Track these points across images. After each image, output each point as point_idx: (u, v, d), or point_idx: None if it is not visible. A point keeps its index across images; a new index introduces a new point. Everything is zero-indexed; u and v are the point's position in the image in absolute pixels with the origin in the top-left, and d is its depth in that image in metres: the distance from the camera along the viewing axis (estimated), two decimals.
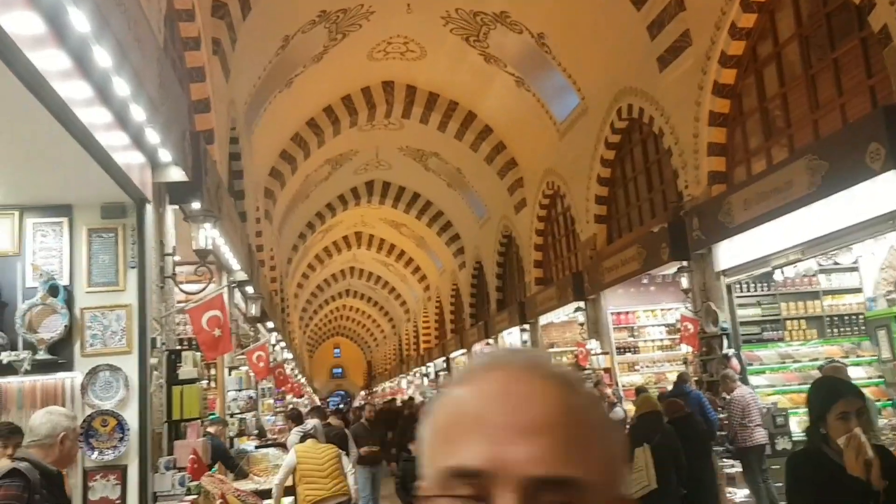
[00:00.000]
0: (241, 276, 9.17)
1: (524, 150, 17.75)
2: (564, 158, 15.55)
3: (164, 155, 5.08)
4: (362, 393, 54.72)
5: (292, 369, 22.02)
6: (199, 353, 5.49)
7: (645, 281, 13.59)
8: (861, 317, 9.85)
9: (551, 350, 18.03)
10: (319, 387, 53.64)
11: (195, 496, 4.84)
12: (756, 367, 9.59)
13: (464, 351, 27.34)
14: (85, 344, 4.76)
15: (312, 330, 51.52)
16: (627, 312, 14.20)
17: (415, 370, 38.07)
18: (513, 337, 20.58)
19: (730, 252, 9.65)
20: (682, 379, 8.77)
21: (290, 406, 13.52)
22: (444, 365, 31.08)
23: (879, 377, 8.50)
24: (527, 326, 18.58)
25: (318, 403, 25.07)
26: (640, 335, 14.17)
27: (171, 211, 5.92)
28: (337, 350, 59.40)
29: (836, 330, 9.94)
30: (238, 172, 12.29)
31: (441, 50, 15.70)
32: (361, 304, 47.54)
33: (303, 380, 30.46)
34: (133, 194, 4.98)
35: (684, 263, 10.69)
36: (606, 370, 13.69)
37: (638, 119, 12.38)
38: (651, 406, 6.38)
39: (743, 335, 9.83)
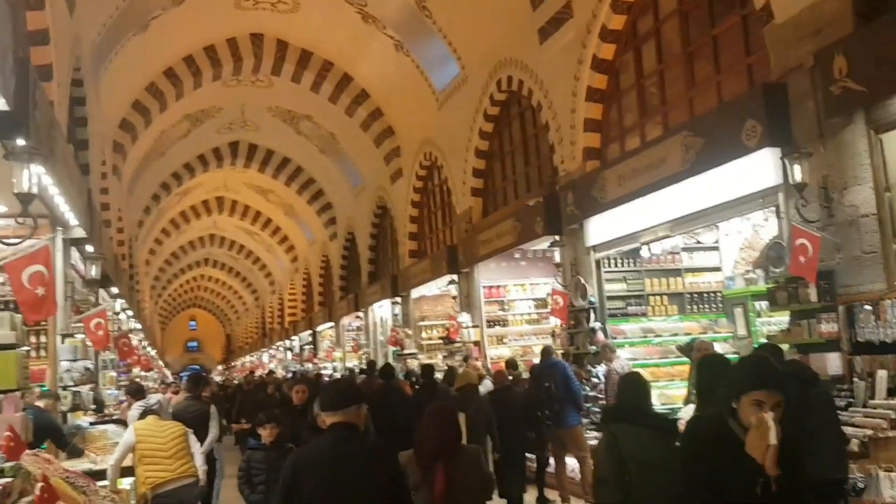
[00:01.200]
0: (80, 232, 8.10)
1: (402, 118, 17.28)
2: (443, 129, 15.25)
3: None
4: (220, 367, 52.53)
5: (140, 341, 20.48)
6: (18, 315, 4.64)
7: (517, 255, 13.64)
8: (719, 294, 10.30)
9: (422, 323, 17.89)
10: (172, 360, 50.95)
11: (10, 479, 4.05)
12: (620, 341, 9.76)
13: (332, 324, 26.70)
14: None
15: (166, 300, 48.68)
16: (499, 286, 14.22)
17: (278, 343, 36.90)
18: (384, 310, 20.23)
19: (601, 227, 9.75)
20: (547, 352, 8.77)
21: (134, 379, 12.41)
22: (311, 338, 30.28)
23: (734, 353, 8.87)
24: (399, 299, 18.27)
25: (171, 379, 23.58)
26: (510, 309, 14.24)
27: None
28: (193, 322, 56.93)
29: (695, 306, 10.34)
30: (81, 119, 10.96)
31: (315, 4, 14.85)
32: (222, 275, 45.34)
33: (153, 353, 28.57)
34: None
35: (557, 238, 10.73)
36: (476, 343, 13.66)
37: (517, 91, 12.26)
38: (469, 380, 8.11)
39: (609, 309, 10.00)
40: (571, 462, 8.28)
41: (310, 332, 30.19)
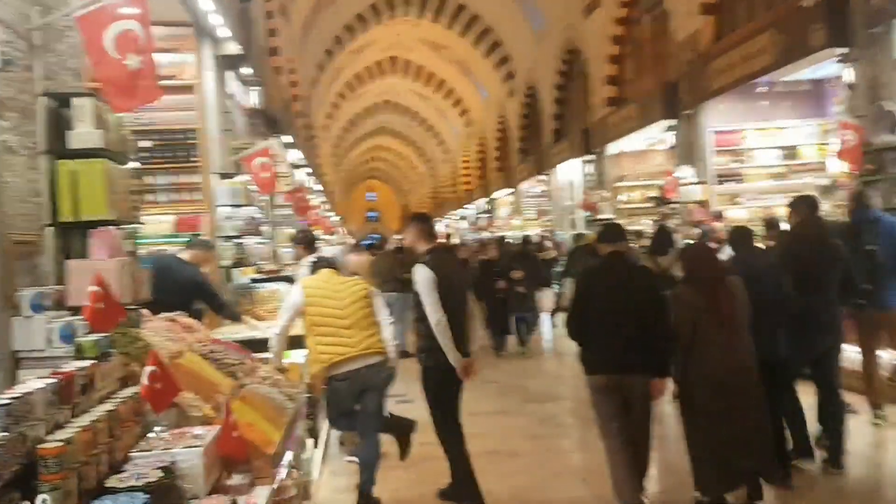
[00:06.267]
0: (234, 48, 6.50)
1: None
2: None
3: None
4: (396, 236, 53.63)
5: (322, 202, 19.91)
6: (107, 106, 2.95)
7: (758, 90, 10.63)
8: None
9: (620, 184, 15.42)
10: (355, 229, 52.67)
11: (91, 361, 2.41)
12: None
13: (510, 190, 24.91)
14: None
15: (346, 170, 49.46)
16: (732, 132, 11.29)
17: (453, 212, 36.02)
18: (572, 171, 17.86)
19: None
20: (862, 201, 6.12)
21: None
22: (487, 206, 28.85)
23: None
24: (592, 156, 15.83)
25: (354, 242, 23.18)
26: (747, 160, 11.31)
27: None
28: (371, 193, 58.45)
29: None
30: None
31: None
32: (396, 144, 44.88)
33: (334, 217, 28.58)
34: None
35: (846, 50, 7.68)
36: (701, 203, 11.06)
37: None
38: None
39: None
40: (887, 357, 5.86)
41: (486, 199, 28.71)
